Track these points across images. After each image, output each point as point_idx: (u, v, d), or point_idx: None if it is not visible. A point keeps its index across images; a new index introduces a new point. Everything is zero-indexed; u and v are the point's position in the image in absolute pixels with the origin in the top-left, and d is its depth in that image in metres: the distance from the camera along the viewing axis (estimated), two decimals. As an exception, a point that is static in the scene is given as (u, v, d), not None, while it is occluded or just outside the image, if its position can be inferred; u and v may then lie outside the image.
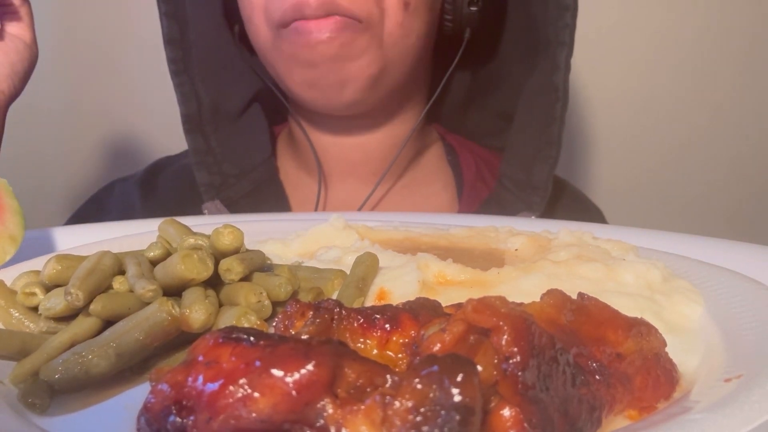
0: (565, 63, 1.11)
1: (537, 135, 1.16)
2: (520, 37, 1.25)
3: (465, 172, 1.27)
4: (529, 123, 1.19)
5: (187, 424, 0.35)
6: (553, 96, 1.12)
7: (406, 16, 1.07)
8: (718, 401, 0.44)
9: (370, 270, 0.66)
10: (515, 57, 1.26)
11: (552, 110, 1.13)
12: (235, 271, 0.61)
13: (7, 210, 0.76)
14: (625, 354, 0.47)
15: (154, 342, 0.54)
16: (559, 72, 1.12)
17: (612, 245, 0.75)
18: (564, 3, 1.11)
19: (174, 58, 1.18)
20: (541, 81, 1.16)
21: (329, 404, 0.35)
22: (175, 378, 0.36)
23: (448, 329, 0.40)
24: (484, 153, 1.33)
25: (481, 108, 1.35)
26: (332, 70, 1.06)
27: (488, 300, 0.41)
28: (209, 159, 1.20)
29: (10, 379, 0.53)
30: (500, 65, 1.30)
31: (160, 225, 0.72)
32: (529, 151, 1.17)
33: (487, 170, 1.29)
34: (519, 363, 0.38)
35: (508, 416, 0.38)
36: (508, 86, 1.27)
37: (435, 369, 0.34)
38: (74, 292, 0.57)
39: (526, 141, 1.18)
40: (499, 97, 1.30)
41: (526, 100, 1.21)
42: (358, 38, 1.04)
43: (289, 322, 0.46)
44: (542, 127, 1.15)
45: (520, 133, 1.21)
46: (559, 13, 1.12)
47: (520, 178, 1.17)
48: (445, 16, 1.18)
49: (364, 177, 1.23)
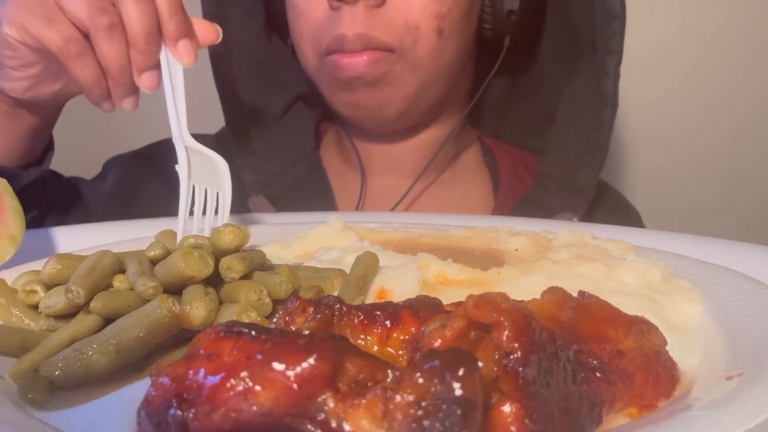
0: (615, 70, 1.14)
1: (582, 138, 1.19)
2: (558, 41, 1.28)
3: (502, 171, 1.32)
4: (572, 126, 1.22)
5: (187, 417, 0.35)
6: (602, 102, 1.15)
7: (440, 42, 1.11)
8: (719, 399, 0.44)
9: (371, 269, 0.66)
10: (554, 61, 1.30)
11: (600, 116, 1.16)
12: (235, 270, 0.61)
13: (7, 210, 0.76)
14: (625, 351, 0.47)
15: (155, 339, 0.54)
16: (609, 79, 1.14)
17: (612, 245, 0.75)
18: (612, 11, 1.13)
19: (218, 65, 1.24)
20: (586, 86, 1.19)
21: (330, 398, 0.35)
22: (176, 371, 0.36)
23: (449, 325, 0.40)
24: (521, 154, 1.36)
25: (518, 111, 1.39)
26: (370, 94, 1.13)
27: (489, 296, 0.41)
28: (253, 160, 1.26)
29: (10, 375, 0.52)
30: (539, 69, 1.33)
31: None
32: (573, 154, 1.20)
33: (525, 170, 1.33)
34: (520, 359, 0.38)
35: (509, 412, 0.38)
36: (547, 89, 1.31)
37: (436, 363, 0.34)
38: (75, 290, 0.57)
39: (569, 144, 1.21)
40: (537, 101, 1.34)
41: (568, 104, 1.24)
42: (392, 67, 1.10)
43: (290, 318, 0.46)
44: (588, 131, 1.18)
45: (561, 136, 1.24)
46: (606, 20, 1.14)
47: (563, 179, 1.20)
48: (484, 25, 1.21)
49: (404, 172, 1.28)
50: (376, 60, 1.08)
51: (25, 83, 0.94)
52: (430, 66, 1.13)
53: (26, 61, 0.91)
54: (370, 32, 1.06)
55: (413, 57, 1.10)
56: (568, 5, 1.23)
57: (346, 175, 1.32)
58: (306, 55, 1.18)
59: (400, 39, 1.08)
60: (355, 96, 1.14)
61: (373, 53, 1.08)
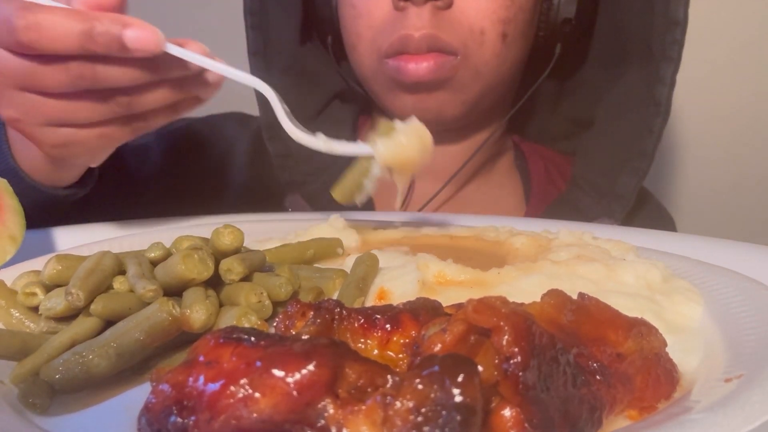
0: (671, 78, 1.12)
1: (625, 144, 1.17)
2: (606, 46, 1.26)
3: (533, 175, 1.30)
4: (614, 131, 1.20)
5: (188, 425, 0.35)
6: (654, 109, 1.13)
7: (503, 47, 1.10)
8: (718, 401, 0.44)
9: (371, 270, 0.66)
10: (599, 65, 1.28)
11: (650, 123, 1.13)
12: (235, 271, 0.61)
13: (7, 210, 0.76)
14: (625, 354, 0.47)
15: (155, 342, 0.54)
16: (664, 87, 1.12)
17: (612, 245, 0.75)
18: (674, 18, 1.09)
19: (257, 68, 1.22)
20: (634, 91, 1.17)
21: (330, 404, 0.35)
22: (175, 378, 0.36)
23: (449, 329, 0.40)
24: (554, 156, 1.35)
25: (555, 113, 1.37)
26: (430, 96, 1.11)
27: (489, 300, 0.41)
28: (289, 162, 1.24)
29: (10, 379, 0.52)
30: (583, 74, 1.31)
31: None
32: (613, 159, 1.18)
33: (557, 173, 1.31)
34: (520, 363, 0.38)
35: (509, 416, 0.38)
36: (587, 93, 1.29)
37: (436, 369, 0.34)
38: (75, 292, 0.57)
39: (609, 148, 1.19)
40: (576, 104, 1.32)
41: (609, 108, 1.22)
42: (456, 72, 1.08)
43: (290, 322, 0.46)
44: (633, 138, 1.15)
45: (600, 139, 1.22)
46: (667, 27, 1.10)
47: (600, 184, 1.18)
48: (538, 33, 1.19)
49: (441, 175, 1.26)
50: (441, 64, 1.06)
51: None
52: (493, 72, 1.12)
53: None
54: (437, 33, 1.04)
55: (476, 62, 1.09)
56: (620, 12, 1.21)
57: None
58: (363, 57, 1.15)
59: (465, 43, 1.07)
60: (417, 99, 1.12)
61: (438, 56, 1.06)
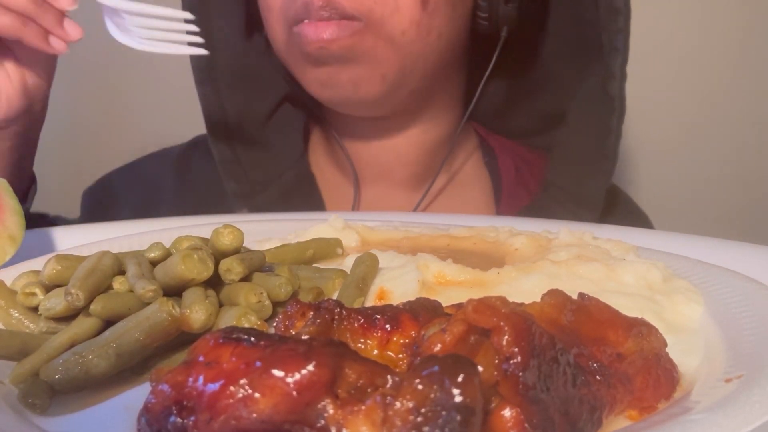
0: (621, 71, 1.07)
1: (591, 146, 1.12)
2: (566, 37, 1.20)
3: (504, 176, 1.24)
4: (582, 131, 1.15)
5: (187, 425, 0.35)
6: (608, 106, 1.09)
7: (424, 15, 1.03)
8: (718, 401, 0.44)
9: (371, 270, 0.66)
10: (563, 58, 1.21)
11: (608, 121, 1.09)
12: (235, 271, 0.61)
13: (7, 210, 0.76)
14: (625, 354, 0.47)
15: (154, 342, 0.54)
16: (615, 81, 1.08)
17: (612, 245, 0.75)
18: (615, 6, 1.06)
19: (199, 67, 1.18)
20: (594, 88, 1.12)
21: (330, 405, 0.35)
22: (175, 378, 0.36)
23: (449, 329, 0.40)
24: (526, 154, 1.28)
25: (525, 108, 1.30)
26: (342, 69, 1.05)
27: (489, 300, 0.41)
28: (237, 169, 1.18)
29: (10, 380, 0.52)
30: (546, 66, 1.25)
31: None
32: (581, 161, 1.13)
33: (529, 173, 1.24)
34: (520, 363, 0.38)
35: (509, 416, 0.38)
36: (556, 88, 1.23)
37: (436, 369, 0.34)
38: (74, 293, 0.57)
39: (578, 149, 1.15)
40: (546, 99, 1.25)
41: (579, 106, 1.17)
42: (362, 38, 1.02)
43: (290, 323, 0.46)
44: (597, 139, 1.11)
45: (571, 140, 1.17)
46: (610, 16, 1.07)
47: (570, 189, 1.13)
48: (479, 13, 1.12)
49: (398, 182, 1.22)
50: (343, 28, 1.00)
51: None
52: (413, 43, 1.04)
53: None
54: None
55: (390, 30, 1.02)
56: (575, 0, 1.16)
57: (338, 182, 1.25)
58: (275, 31, 1.10)
59: (371, 8, 1.00)
60: (326, 71, 1.05)
61: (340, 22, 1.00)
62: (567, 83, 1.19)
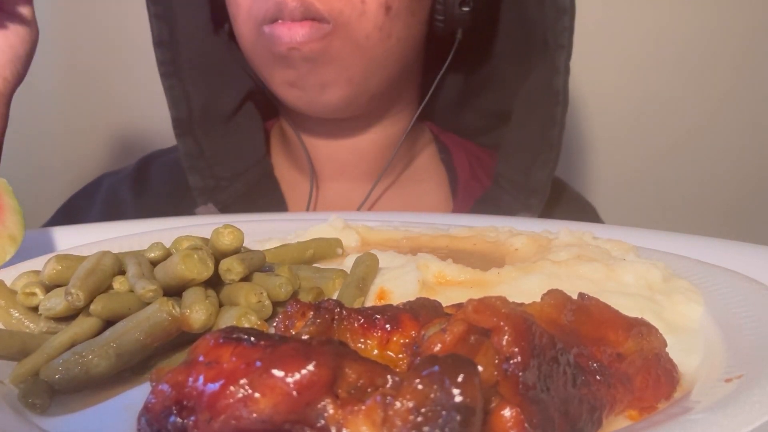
0: (565, 66, 1.12)
1: (536, 137, 1.16)
2: (514, 37, 1.25)
3: (459, 170, 1.28)
4: (527, 125, 1.19)
5: (187, 425, 0.35)
6: (553, 99, 1.13)
7: (387, 20, 1.05)
8: (718, 401, 0.44)
9: (371, 270, 0.66)
10: (510, 57, 1.26)
11: (552, 113, 1.13)
12: (235, 271, 0.61)
13: (7, 210, 0.76)
14: (625, 354, 0.47)
15: (155, 342, 0.54)
16: (559, 76, 1.12)
17: (612, 245, 0.75)
18: (562, 6, 1.11)
19: (164, 60, 1.17)
20: (539, 83, 1.16)
21: (330, 405, 0.35)
22: (175, 378, 0.36)
23: (449, 329, 0.40)
24: (477, 151, 1.33)
25: (474, 107, 1.35)
26: (311, 71, 1.06)
27: (489, 300, 0.41)
28: (201, 163, 1.19)
29: (10, 380, 0.52)
30: (494, 65, 1.30)
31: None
32: (527, 153, 1.17)
33: (481, 168, 1.29)
34: (520, 363, 0.38)
35: (509, 416, 0.38)
36: (503, 86, 1.27)
37: (436, 369, 0.34)
38: (74, 293, 0.57)
39: (524, 142, 1.19)
40: (493, 97, 1.30)
41: (523, 102, 1.21)
42: (332, 42, 1.03)
43: (290, 323, 0.47)
44: (541, 130, 1.15)
45: (516, 134, 1.21)
46: (556, 15, 1.11)
47: (518, 180, 1.17)
48: (436, 16, 1.15)
49: (356, 177, 1.24)
50: (315, 30, 1.01)
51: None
52: (376, 47, 1.07)
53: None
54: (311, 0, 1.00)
55: (356, 34, 1.04)
56: (522, 3, 1.20)
57: (297, 180, 1.26)
58: (243, 29, 1.10)
59: (341, 11, 1.02)
60: (295, 73, 1.07)
61: (312, 24, 1.01)
62: (512, 80, 1.24)
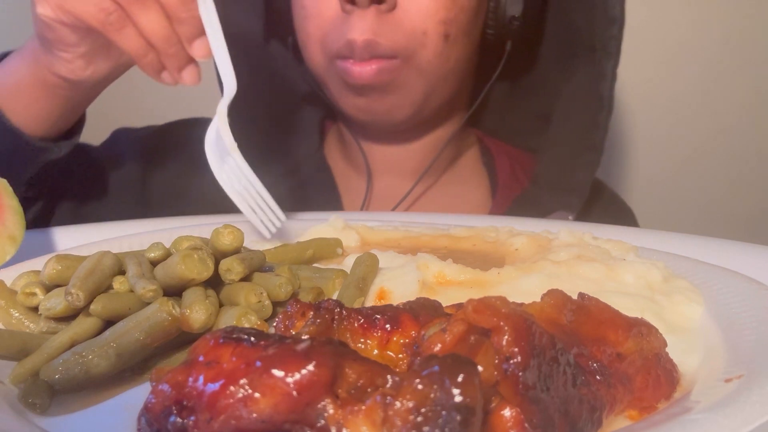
0: (612, 73, 1.16)
1: (577, 139, 1.21)
2: (558, 44, 1.29)
3: (500, 172, 1.33)
4: (568, 127, 1.24)
5: (187, 425, 0.35)
6: (598, 104, 1.17)
7: (446, 47, 1.12)
8: (718, 401, 0.44)
9: (371, 270, 0.66)
10: (553, 62, 1.31)
11: (596, 117, 1.18)
12: (235, 271, 0.61)
13: (7, 210, 0.76)
14: (625, 354, 0.47)
15: (155, 342, 0.54)
16: (606, 81, 1.16)
17: (612, 245, 0.75)
18: (612, 15, 1.15)
19: None
20: (583, 88, 1.20)
21: (330, 404, 0.35)
22: (175, 378, 0.36)
23: (449, 329, 0.40)
24: (519, 154, 1.38)
25: (518, 111, 1.40)
26: (380, 99, 1.15)
27: (489, 300, 0.41)
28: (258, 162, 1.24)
29: (10, 380, 0.53)
30: (538, 71, 1.34)
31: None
32: (568, 154, 1.21)
33: (521, 170, 1.34)
34: (520, 363, 0.38)
35: (509, 416, 0.38)
36: (545, 90, 1.32)
37: (436, 369, 0.34)
38: (75, 293, 0.57)
39: (564, 144, 1.23)
40: (536, 101, 1.35)
41: (565, 105, 1.26)
42: (399, 74, 1.11)
43: (290, 323, 0.46)
44: (583, 132, 1.20)
45: (557, 136, 1.26)
46: (606, 24, 1.15)
47: (557, 180, 1.21)
48: (488, 30, 1.22)
49: (406, 173, 1.29)
50: (383, 68, 1.09)
51: (79, 63, 0.94)
52: (437, 70, 1.14)
53: (69, 40, 0.90)
54: (377, 39, 1.07)
55: (419, 62, 1.11)
56: (568, 10, 1.25)
57: (350, 174, 1.33)
58: (314, 57, 1.18)
59: (406, 45, 1.09)
60: (366, 101, 1.16)
61: (380, 62, 1.09)
62: (555, 86, 1.29)
